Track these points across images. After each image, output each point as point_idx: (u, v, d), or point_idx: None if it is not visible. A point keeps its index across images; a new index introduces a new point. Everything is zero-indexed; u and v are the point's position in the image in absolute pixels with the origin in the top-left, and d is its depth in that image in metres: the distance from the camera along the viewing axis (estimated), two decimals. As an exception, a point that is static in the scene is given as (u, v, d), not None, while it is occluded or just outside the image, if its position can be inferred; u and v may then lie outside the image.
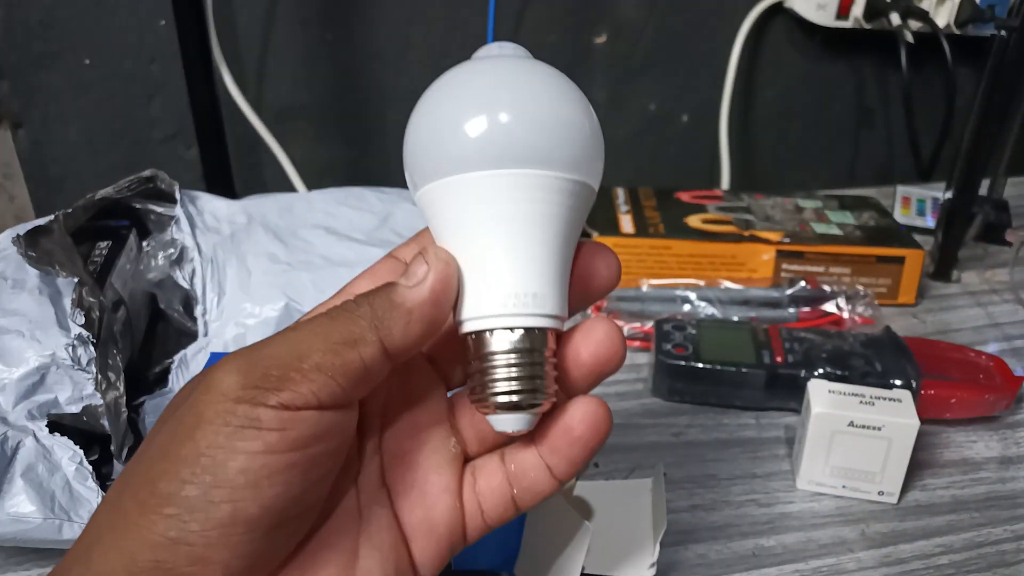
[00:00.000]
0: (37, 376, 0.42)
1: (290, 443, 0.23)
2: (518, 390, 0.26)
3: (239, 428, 0.23)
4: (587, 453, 0.28)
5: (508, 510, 0.29)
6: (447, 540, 0.29)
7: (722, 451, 0.50)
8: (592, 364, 0.28)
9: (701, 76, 0.89)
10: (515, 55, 0.29)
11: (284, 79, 0.80)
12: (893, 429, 0.44)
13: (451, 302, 0.26)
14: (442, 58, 0.81)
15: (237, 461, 0.23)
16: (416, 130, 0.28)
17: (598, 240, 0.63)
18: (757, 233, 0.65)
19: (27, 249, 0.45)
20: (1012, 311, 0.65)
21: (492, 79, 0.27)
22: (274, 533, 0.24)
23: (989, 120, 0.64)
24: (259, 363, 0.24)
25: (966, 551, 0.43)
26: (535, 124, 0.26)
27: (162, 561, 0.22)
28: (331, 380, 0.24)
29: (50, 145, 0.77)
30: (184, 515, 0.22)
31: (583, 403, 0.28)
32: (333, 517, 0.27)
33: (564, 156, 0.26)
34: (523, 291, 0.26)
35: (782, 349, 0.52)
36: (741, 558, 0.42)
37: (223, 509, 0.23)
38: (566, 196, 0.27)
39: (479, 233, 0.26)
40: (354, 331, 0.25)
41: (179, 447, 0.23)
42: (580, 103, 0.27)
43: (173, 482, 0.23)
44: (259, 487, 0.23)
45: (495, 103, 0.26)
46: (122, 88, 0.76)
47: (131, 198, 0.53)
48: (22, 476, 0.38)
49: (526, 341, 0.26)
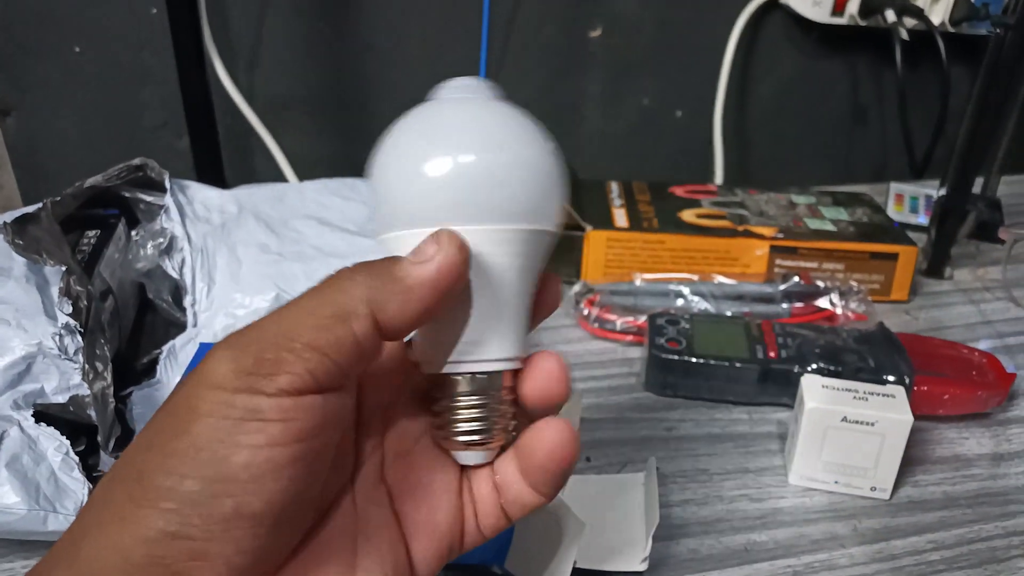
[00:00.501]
0: (23, 365, 0.41)
1: (294, 435, 0.23)
2: (475, 430, 0.28)
3: (240, 421, 0.22)
4: (553, 475, 0.28)
5: (500, 519, 0.29)
6: (447, 541, 0.29)
7: (714, 446, 0.49)
8: (539, 401, 0.28)
9: (696, 71, 0.88)
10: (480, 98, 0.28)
11: (277, 69, 0.79)
12: (886, 425, 0.43)
13: (455, 289, 0.25)
14: (436, 51, 0.81)
15: (240, 456, 0.22)
16: (377, 179, 0.27)
17: (591, 232, 0.63)
18: (751, 228, 0.65)
19: (14, 237, 0.44)
20: (1004, 308, 0.65)
21: (450, 129, 0.27)
22: (277, 529, 0.23)
23: (984, 118, 0.64)
24: (250, 347, 0.23)
25: (957, 547, 0.43)
26: (498, 179, 0.26)
27: (159, 556, 0.22)
28: (325, 357, 0.23)
29: (39, 133, 0.76)
30: (184, 509, 0.22)
31: (541, 430, 0.28)
32: (331, 516, 0.26)
33: (523, 210, 0.26)
34: (480, 338, 0.27)
35: (775, 344, 0.52)
36: (733, 553, 0.42)
37: (226, 504, 0.22)
38: (528, 246, 0.27)
39: None
40: (345, 304, 0.24)
41: (174, 441, 0.22)
42: (541, 150, 0.27)
43: (170, 477, 0.22)
44: (263, 482, 0.22)
45: (457, 159, 0.26)
46: (113, 77, 0.76)
47: (120, 187, 0.52)
48: (6, 466, 0.38)
49: (482, 384, 0.28)
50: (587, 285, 0.62)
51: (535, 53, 0.84)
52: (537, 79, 0.85)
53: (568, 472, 0.28)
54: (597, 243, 0.63)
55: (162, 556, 0.22)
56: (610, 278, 0.64)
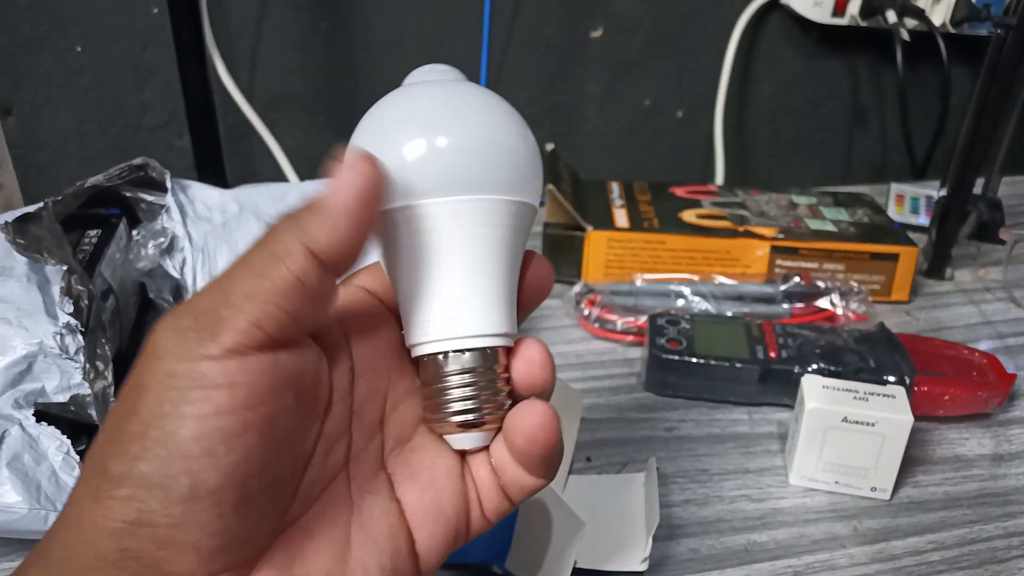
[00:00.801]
0: (24, 364, 0.41)
1: (242, 400, 0.22)
2: (470, 409, 0.27)
3: (184, 391, 0.21)
4: (538, 459, 0.27)
5: (503, 502, 0.29)
6: (453, 527, 0.28)
7: (715, 446, 0.49)
8: (522, 389, 0.28)
9: (696, 71, 0.89)
10: (448, 79, 0.28)
11: (277, 68, 0.79)
12: (887, 425, 0.44)
13: (378, 196, 0.24)
14: (437, 49, 0.81)
15: (188, 428, 0.21)
16: None
17: (592, 232, 0.63)
18: (752, 229, 0.65)
19: (15, 236, 0.44)
20: (1005, 309, 0.65)
21: (425, 106, 0.27)
22: (243, 509, 0.22)
23: (985, 118, 0.64)
24: (187, 312, 0.22)
25: (958, 548, 0.43)
26: (471, 150, 0.26)
27: (129, 549, 0.21)
28: (267, 304, 0.22)
29: (39, 131, 0.76)
30: (140, 494, 0.21)
31: (519, 413, 0.27)
32: (320, 504, 0.26)
33: (499, 180, 0.27)
34: (470, 313, 0.27)
35: (776, 344, 0.52)
36: (733, 553, 0.42)
37: (181, 483, 0.21)
38: (507, 217, 0.27)
39: (423, 259, 0.27)
40: (276, 248, 0.23)
41: (125, 423, 0.22)
42: (513, 123, 0.28)
43: (124, 461, 0.21)
44: (216, 454, 0.21)
45: (430, 132, 0.26)
46: (113, 74, 0.76)
47: (121, 186, 0.52)
48: (8, 466, 0.38)
49: (476, 362, 0.27)
50: (588, 285, 0.62)
51: (536, 53, 0.84)
52: (538, 79, 0.85)
53: (553, 454, 0.27)
54: (598, 243, 0.63)
55: (130, 548, 0.21)
56: (611, 278, 0.64)
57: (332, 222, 0.23)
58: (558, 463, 0.28)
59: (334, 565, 0.25)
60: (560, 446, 0.28)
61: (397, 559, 0.26)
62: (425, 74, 0.29)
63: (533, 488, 0.29)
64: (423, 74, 0.29)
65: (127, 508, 0.21)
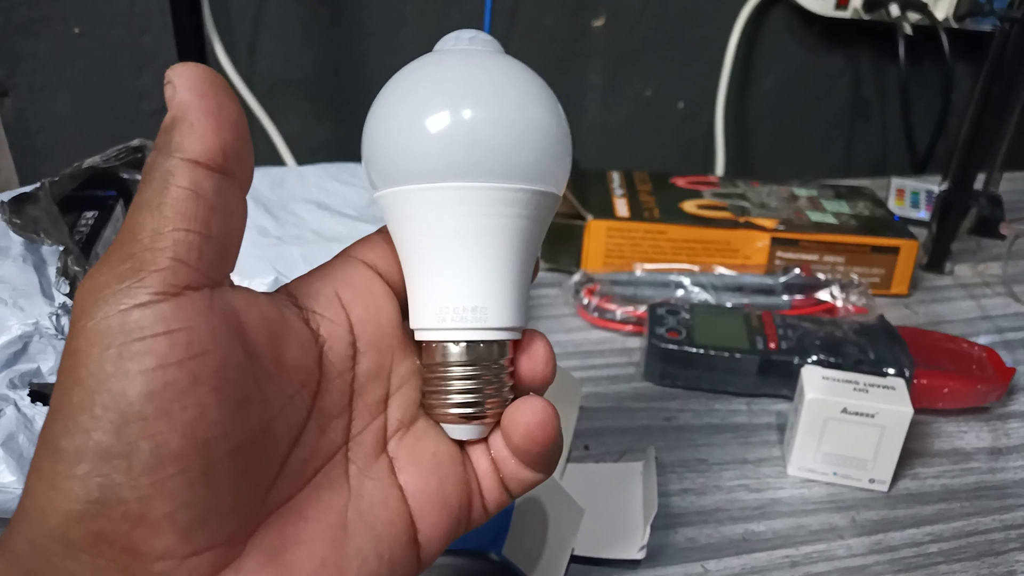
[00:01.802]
0: (20, 344, 0.41)
1: (184, 347, 0.20)
2: (473, 402, 0.26)
3: (123, 346, 0.20)
4: (536, 455, 0.27)
5: (502, 495, 0.28)
6: (456, 515, 0.27)
7: (713, 436, 0.49)
8: (524, 383, 0.28)
9: (698, 63, 0.88)
10: (483, 50, 0.27)
11: (277, 53, 0.79)
12: (886, 416, 0.43)
13: (216, 82, 0.23)
14: (438, 36, 0.80)
15: (136, 386, 0.20)
16: (374, 131, 0.26)
17: (592, 221, 0.63)
18: (752, 220, 0.64)
19: (12, 216, 0.44)
20: (1004, 304, 0.65)
21: (454, 80, 0.25)
22: (214, 475, 0.21)
23: (987, 113, 0.64)
24: (102, 266, 0.21)
25: (955, 540, 0.43)
26: (496, 135, 0.25)
27: (100, 532, 0.20)
28: (176, 231, 0.21)
29: (36, 114, 0.75)
30: (100, 467, 0.20)
31: (517, 409, 0.27)
32: (314, 485, 0.25)
33: (530, 168, 0.25)
34: (481, 304, 0.26)
35: (775, 335, 0.52)
36: (731, 542, 0.42)
37: (143, 448, 0.20)
38: (528, 207, 0.26)
39: (438, 244, 0.26)
40: (157, 175, 0.22)
41: (68, 396, 0.20)
42: (548, 106, 0.26)
43: (75, 435, 0.20)
44: (171, 413, 0.20)
45: (455, 111, 0.25)
46: (111, 59, 0.75)
47: (118, 168, 0.52)
48: (3, 445, 0.37)
49: (486, 354, 0.26)
50: (587, 274, 0.62)
51: (537, 41, 0.83)
52: (539, 68, 0.83)
53: (552, 449, 0.27)
54: (598, 232, 0.63)
55: (102, 531, 0.20)
56: (610, 268, 0.63)
57: (188, 125, 0.22)
58: (557, 458, 0.28)
59: (329, 552, 0.24)
60: (559, 442, 0.27)
61: (396, 548, 0.26)
62: (464, 42, 0.27)
63: (533, 482, 0.28)
64: (461, 42, 0.27)
65: (89, 485, 0.20)
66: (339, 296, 0.26)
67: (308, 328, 0.25)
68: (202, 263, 0.21)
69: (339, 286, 0.27)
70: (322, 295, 0.26)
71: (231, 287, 0.23)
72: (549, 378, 0.28)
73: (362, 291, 0.27)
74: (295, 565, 0.23)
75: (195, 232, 0.21)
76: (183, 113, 0.22)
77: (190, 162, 0.22)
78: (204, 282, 0.22)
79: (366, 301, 0.27)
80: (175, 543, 0.21)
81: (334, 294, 0.26)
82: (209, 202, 0.22)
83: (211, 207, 0.22)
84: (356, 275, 0.27)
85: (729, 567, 0.40)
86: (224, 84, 0.23)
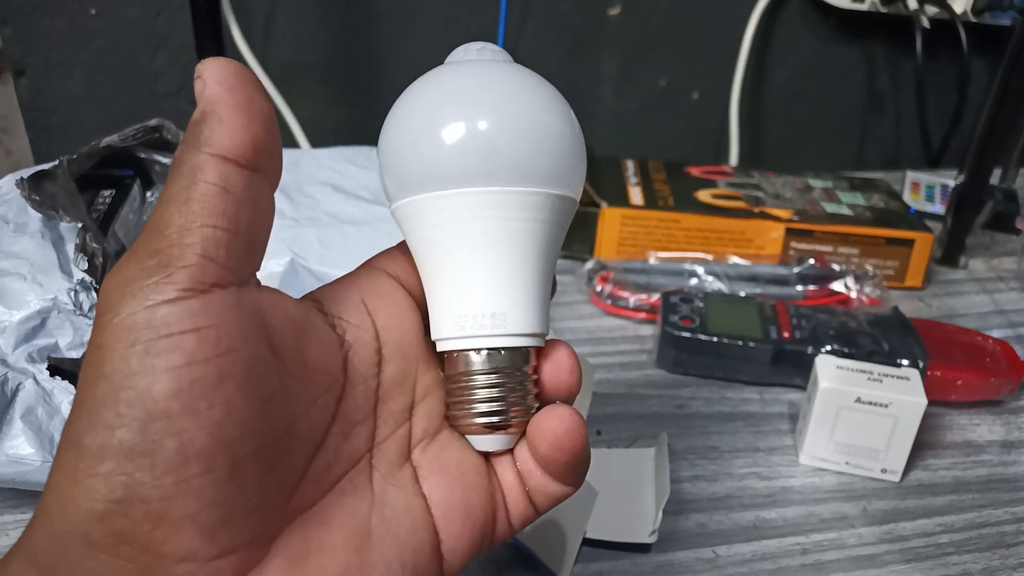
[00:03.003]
0: (38, 319, 0.41)
1: (213, 345, 0.20)
2: (497, 411, 0.26)
3: (149, 343, 0.20)
4: (564, 465, 0.26)
5: (528, 509, 0.28)
6: (480, 528, 0.26)
7: (725, 424, 0.49)
8: (548, 393, 0.27)
9: (714, 54, 0.88)
10: (493, 59, 0.27)
11: (292, 37, 0.79)
12: (900, 407, 0.43)
13: (246, 76, 0.23)
14: (453, 23, 0.80)
15: (162, 383, 0.19)
16: (391, 141, 0.26)
17: (606, 209, 0.63)
18: (767, 210, 0.64)
19: (31, 192, 0.44)
20: (1018, 299, 0.65)
21: (468, 88, 0.25)
22: (239, 475, 0.21)
23: (1005, 106, 0.63)
24: (130, 261, 0.21)
25: (966, 531, 0.43)
26: (514, 140, 0.25)
27: (122, 532, 0.19)
28: (204, 227, 0.21)
29: (52, 94, 0.76)
30: (124, 466, 0.19)
31: (545, 417, 0.26)
32: (338, 491, 0.24)
33: (545, 172, 0.25)
34: (500, 310, 0.26)
35: (789, 325, 0.52)
36: (742, 529, 0.42)
37: (168, 446, 0.19)
38: (548, 212, 0.26)
39: (454, 251, 0.26)
40: (186, 170, 0.21)
41: (92, 390, 0.20)
42: (561, 113, 0.26)
43: (99, 432, 0.19)
44: (198, 411, 0.20)
45: (470, 118, 0.25)
46: (127, 39, 0.75)
47: (136, 147, 0.52)
48: (21, 418, 0.38)
49: (509, 362, 0.26)
50: (600, 262, 0.62)
51: (553, 28, 0.83)
52: (554, 55, 0.84)
53: (579, 459, 0.26)
54: (612, 220, 0.63)
55: (123, 531, 0.19)
56: (624, 256, 0.63)
57: (218, 120, 0.22)
58: (585, 469, 0.27)
59: (353, 559, 0.24)
60: (587, 452, 0.27)
61: (420, 557, 0.25)
62: (473, 53, 0.27)
63: (560, 496, 0.27)
64: (471, 53, 0.27)
65: (112, 484, 0.19)
66: (365, 303, 0.26)
67: (334, 332, 0.25)
68: (230, 260, 0.21)
69: (365, 294, 0.26)
70: (348, 301, 0.26)
71: (257, 285, 0.23)
72: (575, 387, 0.27)
73: (387, 299, 0.27)
74: (319, 570, 0.23)
75: (223, 228, 0.21)
76: (212, 108, 0.22)
77: (219, 157, 0.22)
78: (231, 279, 0.21)
79: (391, 309, 0.27)
80: (198, 544, 0.20)
81: (360, 301, 0.26)
82: (238, 198, 0.22)
83: (240, 203, 0.22)
84: (381, 284, 0.27)
85: (739, 553, 0.41)
86: (254, 79, 0.23)
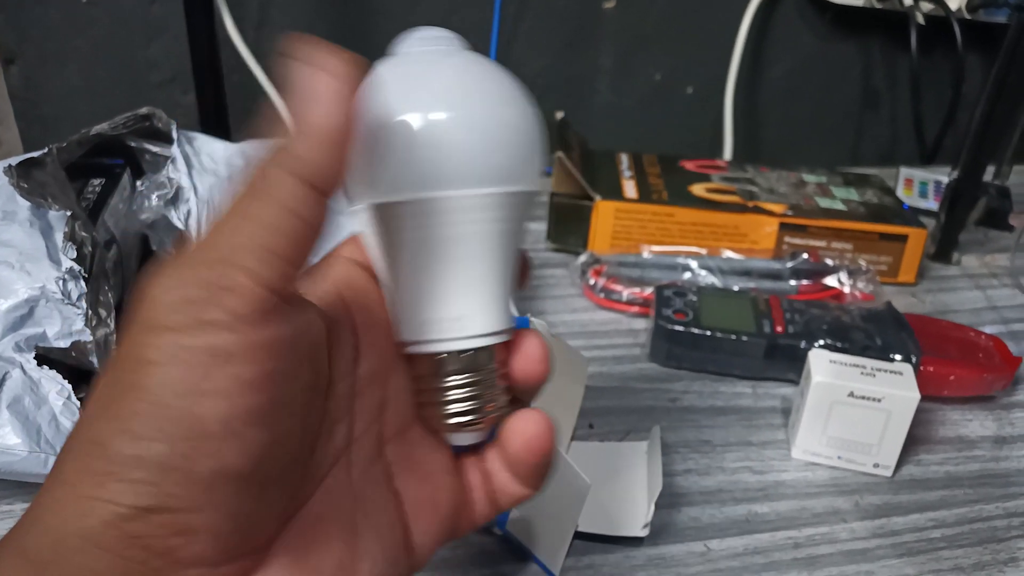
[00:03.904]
0: (26, 308, 0.41)
1: (267, 373, 0.20)
2: (469, 410, 0.26)
3: (200, 365, 0.19)
4: (532, 466, 0.27)
5: (491, 507, 0.28)
6: (448, 523, 0.27)
7: (717, 418, 0.49)
8: (519, 384, 0.27)
9: (709, 48, 0.88)
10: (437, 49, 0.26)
11: (287, 27, 0.78)
12: (893, 401, 0.43)
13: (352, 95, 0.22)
14: (449, 15, 0.80)
15: (209, 407, 0.19)
16: None
17: (600, 202, 0.63)
18: (761, 204, 0.64)
19: (19, 180, 0.44)
20: (1011, 295, 0.65)
21: (419, 86, 0.24)
22: (265, 490, 0.21)
23: (1000, 103, 0.63)
24: (189, 270, 0.20)
25: (958, 526, 0.43)
26: (461, 141, 0.24)
27: (135, 535, 0.19)
28: (262, 250, 0.20)
29: (44, 83, 0.75)
30: (157, 478, 0.19)
31: (517, 420, 0.27)
32: (325, 489, 0.24)
33: (497, 170, 0.25)
34: (461, 313, 0.26)
35: (782, 319, 0.52)
36: (734, 523, 0.42)
37: (204, 465, 0.19)
38: (505, 210, 0.25)
39: (410, 257, 0.25)
40: (260, 187, 0.20)
41: (131, 400, 0.19)
42: (510, 102, 0.25)
43: (135, 442, 0.19)
44: (242, 436, 0.20)
45: (418, 121, 0.24)
46: (121, 28, 0.75)
47: (126, 136, 0.51)
48: (8, 408, 0.37)
49: (476, 362, 0.26)
50: (594, 255, 0.61)
51: (548, 22, 0.83)
52: (550, 49, 0.84)
53: (545, 463, 0.27)
54: (605, 213, 0.63)
55: (139, 535, 0.19)
56: (617, 249, 0.63)
57: (317, 139, 0.21)
58: (548, 475, 0.28)
59: (345, 554, 0.24)
60: (553, 456, 0.27)
61: (396, 550, 0.26)
62: (430, 42, 0.26)
63: (520, 497, 0.28)
64: (424, 43, 0.26)
65: (140, 492, 0.19)
66: (343, 297, 0.26)
67: (327, 333, 0.25)
68: (286, 285, 0.21)
69: (341, 287, 0.26)
70: (329, 297, 0.25)
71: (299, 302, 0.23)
72: (546, 375, 0.27)
73: (360, 293, 0.26)
74: (318, 566, 0.23)
75: (285, 257, 0.20)
76: (317, 122, 0.21)
77: (302, 181, 0.21)
78: (285, 304, 0.21)
79: (365, 303, 0.26)
80: (211, 552, 0.20)
81: (339, 295, 0.26)
82: (307, 225, 0.21)
83: (307, 229, 0.21)
84: (355, 276, 0.27)
85: (731, 547, 0.40)
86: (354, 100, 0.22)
